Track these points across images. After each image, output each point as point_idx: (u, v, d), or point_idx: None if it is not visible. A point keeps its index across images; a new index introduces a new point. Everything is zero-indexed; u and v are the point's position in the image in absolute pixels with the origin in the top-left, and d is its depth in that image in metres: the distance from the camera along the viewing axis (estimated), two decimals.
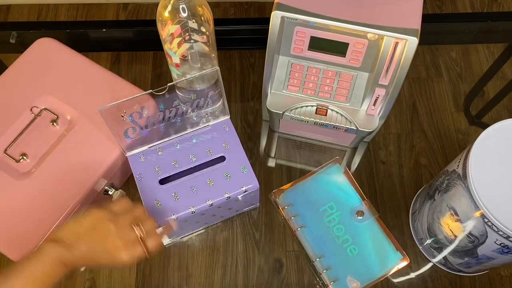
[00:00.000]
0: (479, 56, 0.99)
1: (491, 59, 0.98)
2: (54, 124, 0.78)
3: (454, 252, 0.73)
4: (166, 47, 0.72)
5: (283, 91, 0.79)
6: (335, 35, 0.71)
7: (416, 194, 0.84)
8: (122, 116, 0.70)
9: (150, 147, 0.76)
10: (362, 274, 0.77)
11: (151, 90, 0.69)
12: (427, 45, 0.99)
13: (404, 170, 0.88)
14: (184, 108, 0.74)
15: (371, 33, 0.67)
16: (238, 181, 0.73)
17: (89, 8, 1.04)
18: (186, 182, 0.73)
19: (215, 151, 0.76)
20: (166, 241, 0.80)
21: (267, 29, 0.70)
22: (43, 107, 0.78)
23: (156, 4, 0.67)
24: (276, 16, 0.67)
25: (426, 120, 0.92)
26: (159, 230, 0.71)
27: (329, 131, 0.82)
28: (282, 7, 0.67)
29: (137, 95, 0.69)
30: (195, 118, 0.78)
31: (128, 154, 0.76)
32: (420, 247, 0.81)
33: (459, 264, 0.75)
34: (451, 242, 0.71)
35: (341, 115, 0.78)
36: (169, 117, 0.74)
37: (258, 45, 0.97)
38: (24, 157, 0.75)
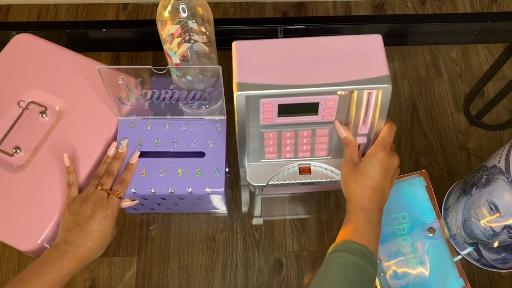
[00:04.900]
0: (479, 56, 0.99)
1: (491, 59, 0.98)
2: (43, 115, 0.78)
3: (491, 248, 0.72)
4: (166, 47, 0.72)
5: (261, 161, 0.76)
6: (303, 98, 0.66)
7: (448, 191, 0.83)
8: (119, 82, 0.72)
9: (143, 119, 0.77)
10: None
11: (150, 66, 0.69)
12: (427, 45, 0.99)
13: (404, 170, 0.87)
14: (181, 95, 0.74)
15: (341, 90, 0.64)
16: (206, 181, 0.73)
17: (89, 8, 1.04)
18: (158, 163, 0.74)
19: (198, 145, 0.76)
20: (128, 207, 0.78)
21: (267, 29, 0.68)
22: (30, 100, 0.79)
23: (156, 4, 0.67)
24: (240, 97, 0.63)
25: (426, 120, 0.92)
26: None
27: (316, 186, 0.79)
28: (244, 87, 0.63)
29: (137, 66, 0.71)
30: (193, 107, 0.78)
31: (120, 118, 0.77)
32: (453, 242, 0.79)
33: (495, 260, 0.74)
34: (488, 237, 0.70)
35: (325, 169, 0.76)
36: (164, 98, 0.74)
37: None
38: (18, 150, 0.76)
